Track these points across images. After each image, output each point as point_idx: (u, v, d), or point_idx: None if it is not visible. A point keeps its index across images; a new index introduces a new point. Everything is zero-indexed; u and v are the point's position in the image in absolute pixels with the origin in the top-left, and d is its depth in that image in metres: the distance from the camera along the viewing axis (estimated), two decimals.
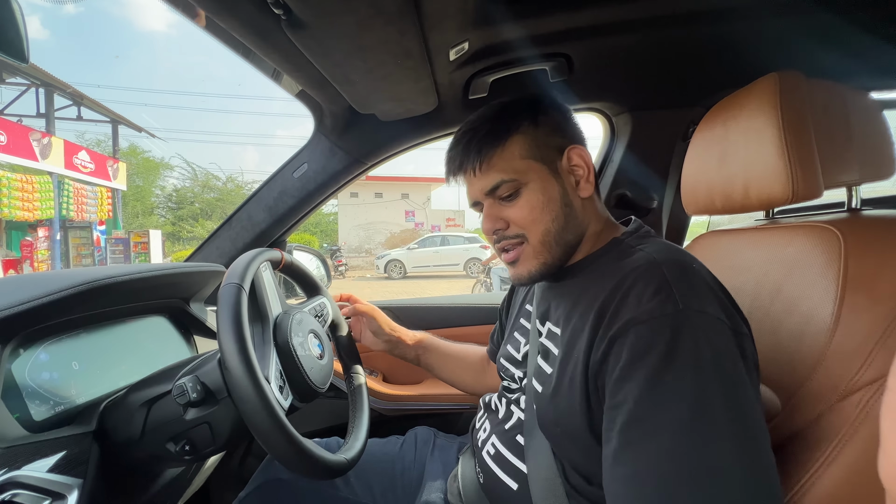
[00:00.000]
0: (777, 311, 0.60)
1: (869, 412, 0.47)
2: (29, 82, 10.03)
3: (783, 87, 0.60)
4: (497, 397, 0.79)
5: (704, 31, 0.98)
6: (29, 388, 0.65)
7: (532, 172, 0.63)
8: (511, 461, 0.67)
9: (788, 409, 0.54)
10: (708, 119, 0.75)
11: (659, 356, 0.44)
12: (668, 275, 0.49)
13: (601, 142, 1.38)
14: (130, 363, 0.84)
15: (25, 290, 0.64)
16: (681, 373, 0.43)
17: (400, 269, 13.46)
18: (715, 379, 0.43)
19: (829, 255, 0.55)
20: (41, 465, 0.57)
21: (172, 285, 0.92)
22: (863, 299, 0.50)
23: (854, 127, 0.63)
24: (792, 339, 0.56)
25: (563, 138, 0.65)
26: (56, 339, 0.71)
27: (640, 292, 0.49)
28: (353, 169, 1.25)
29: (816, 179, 0.59)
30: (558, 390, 0.57)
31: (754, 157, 0.64)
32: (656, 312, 0.46)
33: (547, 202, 0.62)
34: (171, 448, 0.66)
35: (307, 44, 0.76)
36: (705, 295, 0.48)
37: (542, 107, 0.66)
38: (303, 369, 0.68)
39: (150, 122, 25.27)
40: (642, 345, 0.46)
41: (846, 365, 0.49)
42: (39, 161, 9.03)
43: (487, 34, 0.94)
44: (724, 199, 0.71)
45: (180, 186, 24.00)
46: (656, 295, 0.47)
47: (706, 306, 0.46)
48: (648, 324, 0.46)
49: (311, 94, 1.03)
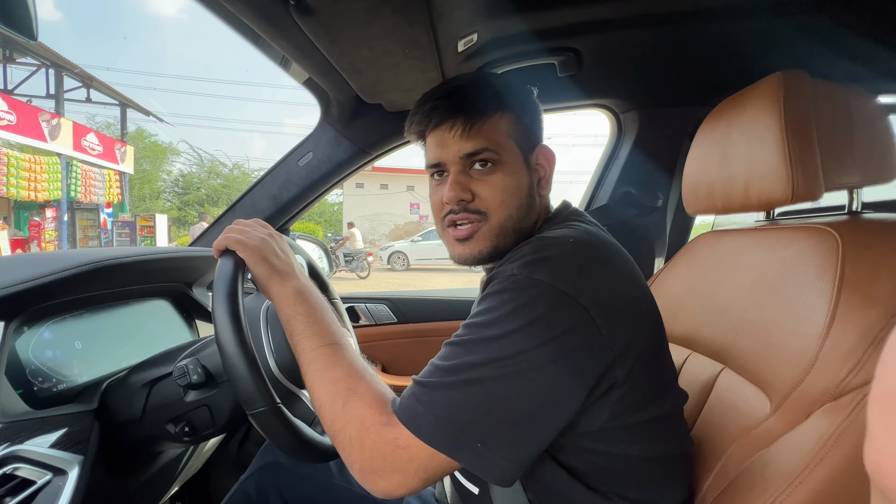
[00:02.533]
0: (771, 311, 0.59)
1: (857, 416, 0.46)
2: (39, 63, 10.02)
3: (787, 88, 0.60)
4: None
5: (716, 28, 0.97)
6: (32, 366, 0.66)
7: (511, 154, 0.61)
8: None
9: (780, 412, 0.54)
10: (711, 118, 0.75)
11: (480, 305, 0.51)
12: (531, 250, 0.52)
13: (607, 139, 1.38)
14: (133, 345, 0.85)
15: (30, 268, 0.64)
16: (483, 315, 0.49)
17: (403, 261, 13.47)
18: (499, 330, 0.47)
19: (826, 257, 0.54)
20: (43, 441, 0.58)
21: (175, 269, 0.93)
22: (858, 302, 0.49)
23: (857, 129, 0.62)
24: (785, 339, 0.56)
25: (536, 136, 0.65)
26: (60, 318, 0.72)
27: (503, 263, 0.54)
28: (359, 159, 1.25)
29: (817, 181, 0.59)
30: None
31: (756, 156, 0.63)
32: (501, 273, 0.52)
33: (517, 188, 0.61)
34: (171, 429, 0.66)
35: (315, 30, 0.76)
36: (549, 265, 0.50)
37: (527, 99, 0.65)
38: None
39: (158, 106, 25.20)
40: (481, 296, 0.53)
41: (837, 367, 0.49)
42: (48, 142, 9.05)
43: (497, 26, 0.93)
44: (725, 199, 0.71)
45: (186, 172, 24.06)
46: (507, 263, 0.53)
47: (538, 273, 0.49)
48: (492, 283, 0.52)
49: (318, 82, 1.03)
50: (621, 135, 1.33)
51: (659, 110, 1.24)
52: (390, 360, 1.44)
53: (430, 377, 0.49)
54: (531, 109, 0.65)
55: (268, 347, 0.66)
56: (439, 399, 0.47)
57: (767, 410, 0.55)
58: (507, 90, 0.63)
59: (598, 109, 1.33)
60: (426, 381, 0.49)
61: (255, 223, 0.68)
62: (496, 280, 0.52)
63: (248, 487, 0.82)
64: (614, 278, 0.53)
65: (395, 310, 1.45)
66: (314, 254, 1.35)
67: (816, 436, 0.48)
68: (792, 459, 0.49)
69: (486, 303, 0.50)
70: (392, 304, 1.46)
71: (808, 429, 0.50)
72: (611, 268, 0.54)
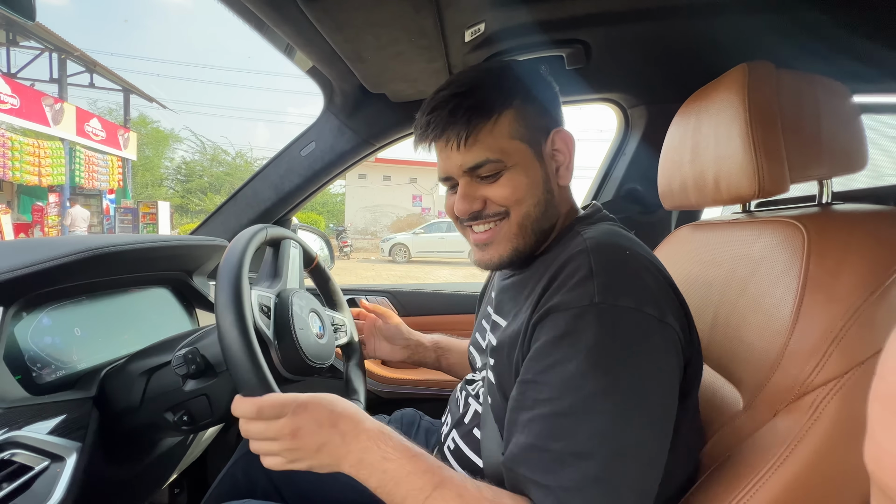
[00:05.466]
0: (743, 307, 0.58)
1: (820, 415, 0.46)
2: (42, 46, 9.97)
3: (752, 78, 0.59)
4: (458, 390, 0.77)
5: (727, 22, 0.95)
6: (31, 352, 0.65)
7: (517, 154, 0.58)
8: (468, 456, 0.65)
9: (750, 410, 0.54)
10: (683, 110, 0.73)
11: (568, 344, 0.47)
12: (594, 264, 0.49)
13: (614, 134, 1.36)
14: (132, 332, 0.84)
15: (30, 253, 0.64)
16: (581, 363, 0.45)
17: (405, 253, 13.47)
18: (613, 373, 0.45)
19: (792, 251, 0.54)
20: (41, 427, 0.58)
21: (175, 257, 0.92)
22: (821, 298, 0.49)
23: (825, 119, 0.60)
24: (755, 336, 0.55)
25: (550, 120, 0.61)
26: (59, 304, 0.72)
27: (565, 281, 0.50)
28: (362, 150, 1.23)
29: (783, 174, 0.58)
30: (502, 382, 0.57)
31: (723, 150, 0.62)
32: (573, 303, 0.48)
33: (530, 185, 0.58)
34: (170, 418, 0.66)
35: (319, 17, 0.75)
36: (627, 285, 0.48)
37: (536, 82, 0.61)
38: (297, 340, 0.66)
39: (160, 92, 25.03)
40: (556, 331, 0.48)
41: (801, 365, 0.48)
42: (51, 126, 9.04)
43: (505, 16, 0.92)
44: (698, 194, 0.69)
45: (189, 159, 23.91)
46: (578, 286, 0.48)
47: (624, 298, 0.47)
48: (564, 313, 0.48)
49: (322, 71, 1.01)
50: (628, 130, 1.31)
51: (668, 106, 1.22)
52: None
53: (588, 459, 0.44)
54: (540, 94, 0.61)
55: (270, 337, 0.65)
56: (615, 476, 0.44)
57: (740, 408, 0.55)
58: (504, 85, 0.59)
59: (605, 104, 1.31)
60: (586, 470, 0.43)
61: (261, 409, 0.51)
62: (573, 310, 0.47)
63: (235, 472, 0.82)
64: (671, 282, 0.53)
65: (395, 303, 1.45)
66: (315, 245, 1.34)
67: (780, 436, 0.48)
68: (756, 459, 0.49)
69: (574, 344, 0.46)
70: (393, 297, 1.45)
71: (772, 428, 0.50)
72: (666, 273, 0.54)
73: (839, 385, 0.46)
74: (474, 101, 0.57)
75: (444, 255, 13.29)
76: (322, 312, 0.78)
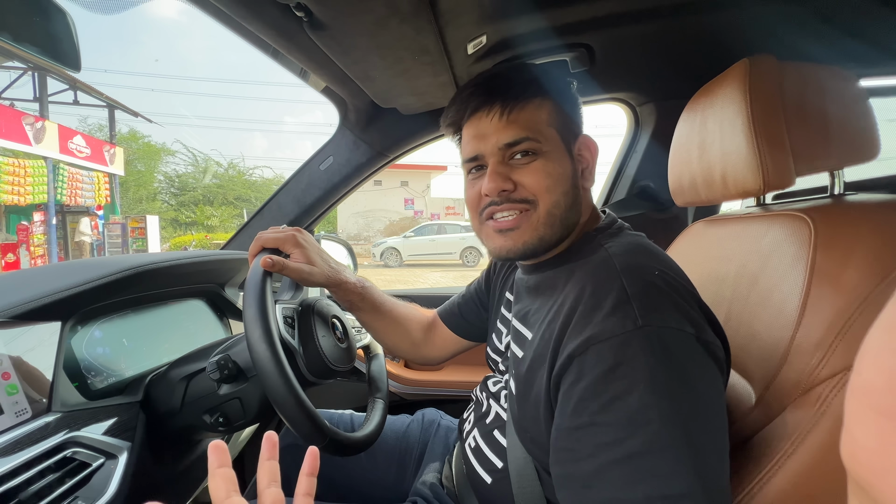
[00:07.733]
0: (753, 302, 0.58)
1: (826, 409, 0.45)
2: (25, 66, 9.20)
3: (753, 73, 0.59)
4: (479, 390, 0.78)
5: (728, 17, 0.95)
6: (86, 361, 0.73)
7: (553, 142, 0.58)
8: (488, 456, 0.66)
9: (761, 405, 0.53)
10: (689, 107, 0.73)
11: (622, 376, 0.43)
12: (628, 286, 0.48)
13: (625, 131, 1.36)
14: (172, 341, 0.92)
15: (80, 273, 0.71)
16: (643, 394, 0.42)
17: (396, 257, 13.40)
18: (675, 398, 0.42)
19: (799, 245, 0.53)
20: (97, 429, 0.65)
21: (209, 272, 0.99)
22: (827, 291, 0.48)
23: (831, 108, 0.59)
24: (765, 331, 0.55)
25: (577, 124, 0.63)
26: (108, 318, 0.79)
27: (599, 305, 0.48)
28: (377, 161, 1.29)
29: (788, 168, 0.57)
30: (526, 398, 0.56)
31: (728, 146, 0.62)
32: (617, 330, 0.45)
33: (561, 176, 0.58)
34: (207, 419, 0.72)
35: (328, 43, 0.80)
36: (666, 306, 0.46)
37: (567, 87, 0.63)
38: (320, 346, 0.70)
39: (156, 107, 24.51)
40: (604, 365, 0.44)
41: (807, 359, 0.48)
42: (33, 145, 8.53)
43: (505, 27, 0.95)
44: (707, 189, 0.69)
45: (182, 172, 23.13)
46: (615, 310, 0.46)
47: (667, 319, 0.45)
48: (607, 343, 0.45)
49: (336, 90, 1.07)
50: (638, 128, 1.31)
51: (676, 102, 1.21)
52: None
53: (686, 499, 0.39)
54: (571, 98, 0.63)
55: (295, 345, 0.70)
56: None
57: (752, 403, 0.55)
58: (546, 77, 0.61)
59: (614, 103, 1.31)
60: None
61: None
62: (618, 338, 0.45)
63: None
64: (696, 296, 0.52)
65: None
66: (340, 254, 1.40)
67: (788, 430, 0.48)
68: (764, 454, 0.49)
69: (628, 374, 0.43)
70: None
71: (781, 423, 0.50)
72: (691, 285, 0.53)
73: (845, 378, 0.45)
74: (522, 80, 0.59)
75: (435, 258, 13.30)
76: (343, 317, 0.83)
